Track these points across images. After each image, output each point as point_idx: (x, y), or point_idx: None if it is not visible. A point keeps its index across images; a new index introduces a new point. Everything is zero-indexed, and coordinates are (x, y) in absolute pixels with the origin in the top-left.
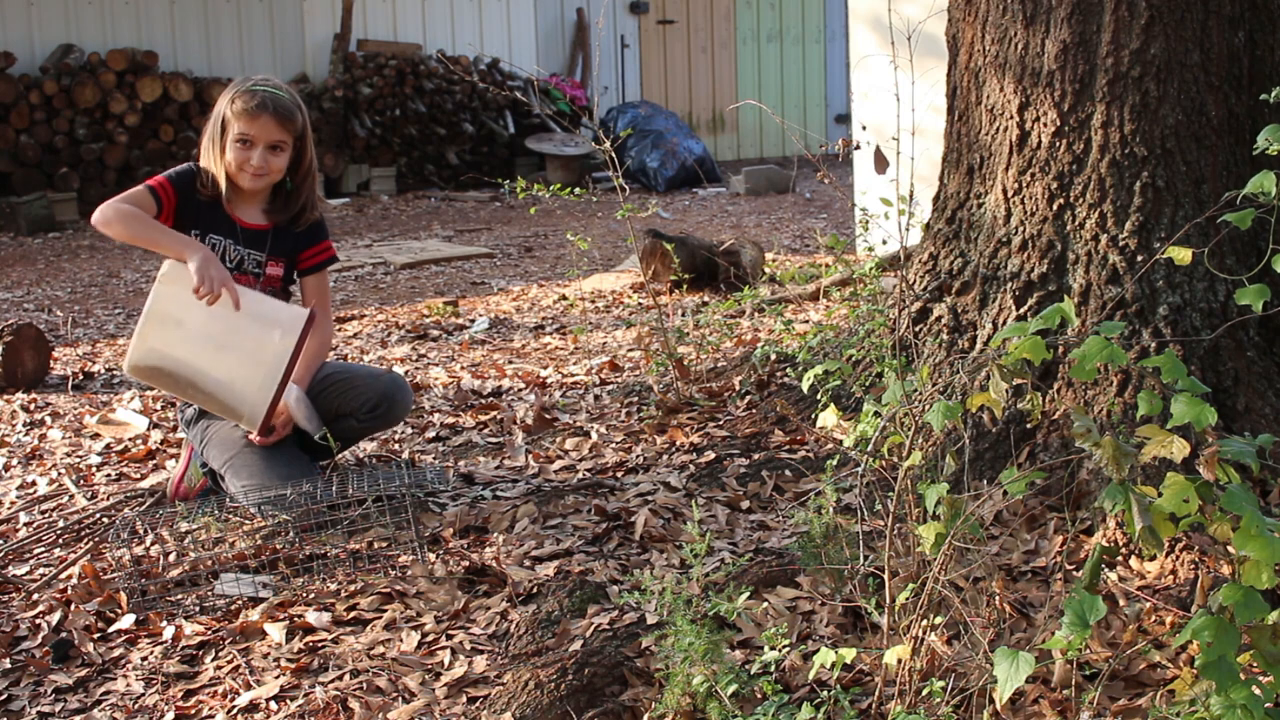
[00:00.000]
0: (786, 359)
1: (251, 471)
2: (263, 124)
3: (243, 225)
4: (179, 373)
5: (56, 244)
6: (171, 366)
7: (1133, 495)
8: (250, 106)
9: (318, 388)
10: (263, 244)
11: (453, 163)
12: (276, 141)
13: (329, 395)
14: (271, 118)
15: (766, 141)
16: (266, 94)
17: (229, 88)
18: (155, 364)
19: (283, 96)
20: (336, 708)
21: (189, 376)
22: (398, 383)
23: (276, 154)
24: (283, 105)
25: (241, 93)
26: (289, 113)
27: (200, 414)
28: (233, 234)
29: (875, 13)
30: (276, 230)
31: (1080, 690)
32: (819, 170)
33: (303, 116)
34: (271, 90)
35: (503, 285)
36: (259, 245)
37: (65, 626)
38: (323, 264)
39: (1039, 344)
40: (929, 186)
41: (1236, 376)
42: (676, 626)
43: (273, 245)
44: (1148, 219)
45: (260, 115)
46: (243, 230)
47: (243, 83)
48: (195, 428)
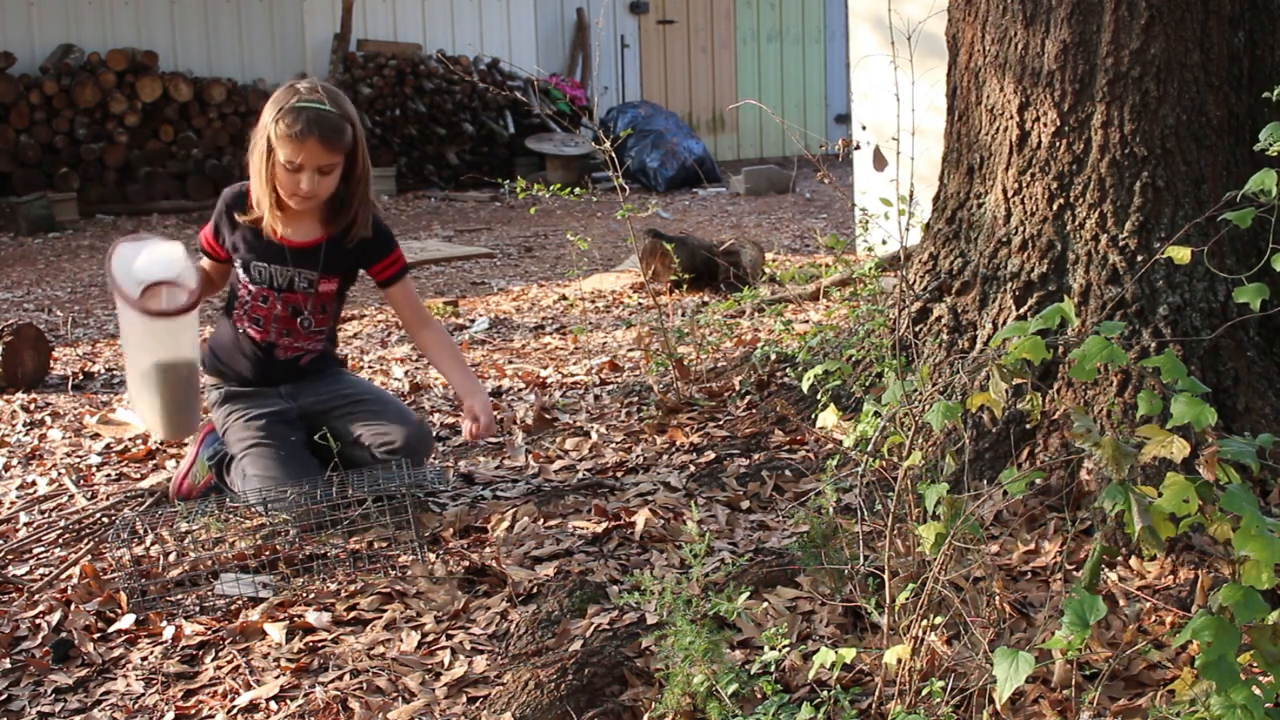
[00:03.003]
0: (786, 359)
1: (265, 465)
2: (309, 149)
3: (290, 245)
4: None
5: (56, 244)
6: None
7: (1133, 495)
8: (295, 131)
9: (344, 405)
10: (314, 262)
11: (453, 163)
12: (325, 165)
13: (352, 418)
14: (318, 142)
15: (766, 141)
16: (311, 113)
17: (274, 100)
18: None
19: (329, 114)
20: (336, 708)
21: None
22: (422, 436)
23: (326, 176)
24: (329, 125)
25: (286, 112)
26: (336, 133)
27: (227, 397)
28: (280, 258)
29: (875, 12)
30: (330, 245)
31: (1080, 690)
32: (819, 170)
33: (353, 129)
34: (316, 107)
35: (503, 285)
36: (310, 263)
37: (65, 626)
38: (399, 274)
39: (1039, 344)
40: (929, 186)
41: (1236, 376)
42: (676, 626)
43: (325, 262)
44: (1148, 219)
45: (306, 140)
46: (291, 251)
47: (288, 95)
48: (220, 410)
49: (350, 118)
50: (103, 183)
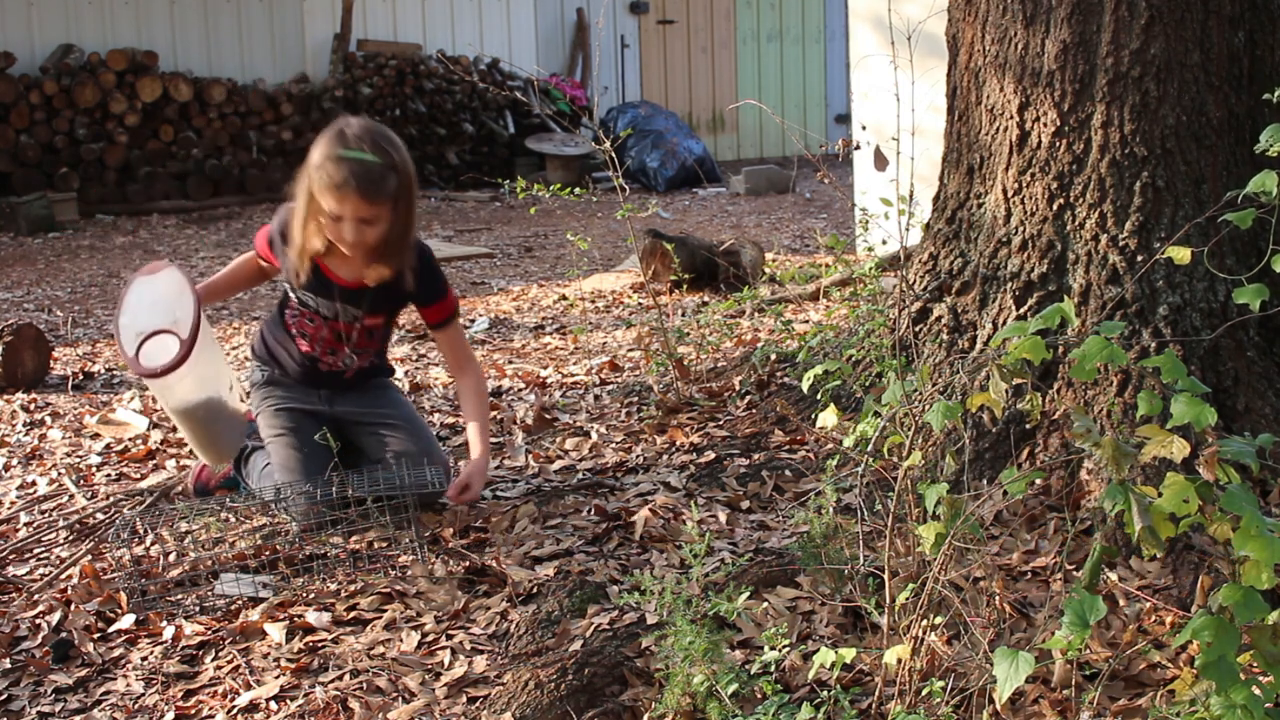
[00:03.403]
0: (786, 359)
1: (286, 459)
2: (350, 202)
3: (339, 283)
4: None
5: (56, 244)
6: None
7: (1133, 495)
8: (336, 182)
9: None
10: (361, 301)
11: (453, 163)
12: (367, 216)
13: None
14: (358, 196)
15: (766, 141)
16: (355, 164)
17: (320, 142)
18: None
19: (372, 165)
20: (336, 708)
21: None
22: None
23: (370, 226)
24: (371, 178)
25: (329, 160)
26: (378, 186)
27: (268, 380)
28: (327, 292)
29: (875, 12)
30: (378, 287)
31: (1080, 690)
32: (819, 170)
33: (397, 178)
34: (359, 157)
35: (503, 285)
36: (356, 302)
37: (65, 626)
38: (447, 319)
39: (1039, 344)
40: (929, 186)
41: (1236, 376)
42: (676, 626)
43: (373, 303)
44: (1148, 219)
45: (346, 194)
46: (339, 288)
47: (334, 140)
48: (258, 392)
49: (396, 165)
50: (103, 183)
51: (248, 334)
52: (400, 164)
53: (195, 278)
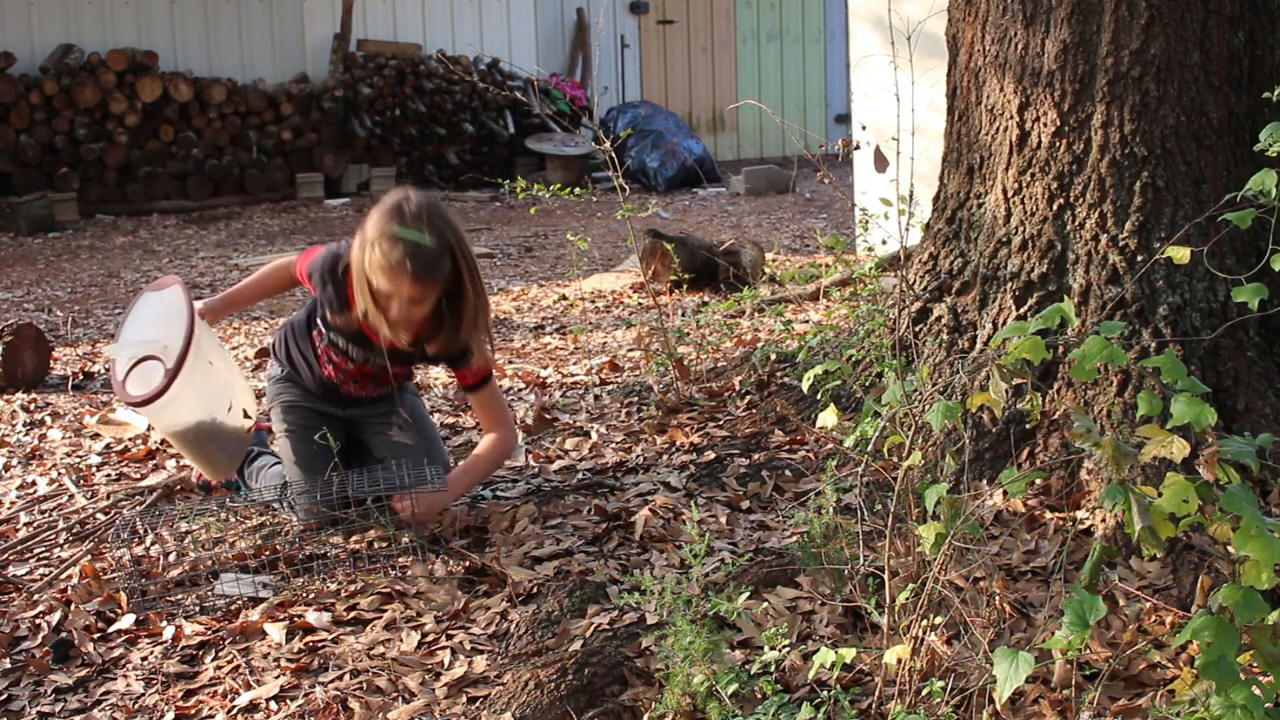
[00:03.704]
0: (786, 359)
1: (294, 455)
2: (400, 283)
3: (376, 342)
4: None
5: (56, 244)
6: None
7: (1133, 495)
8: (389, 262)
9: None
10: (394, 356)
11: (453, 163)
12: (415, 297)
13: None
14: (410, 279)
15: (766, 141)
16: (409, 246)
17: (378, 213)
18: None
19: (426, 249)
20: (336, 708)
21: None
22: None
23: (418, 305)
24: (424, 261)
25: (384, 238)
26: (430, 269)
27: (286, 378)
28: (361, 342)
29: (875, 12)
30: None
31: (1080, 690)
32: (819, 170)
33: (452, 262)
34: (414, 240)
35: (503, 285)
36: (389, 355)
37: (65, 626)
38: (481, 382)
39: (1039, 344)
40: (929, 186)
41: (1236, 376)
42: (676, 626)
43: (404, 358)
44: (1148, 219)
45: (399, 275)
46: (374, 343)
47: (391, 216)
48: (274, 386)
49: (451, 247)
50: (103, 183)
51: (248, 334)
52: (454, 247)
53: (205, 291)
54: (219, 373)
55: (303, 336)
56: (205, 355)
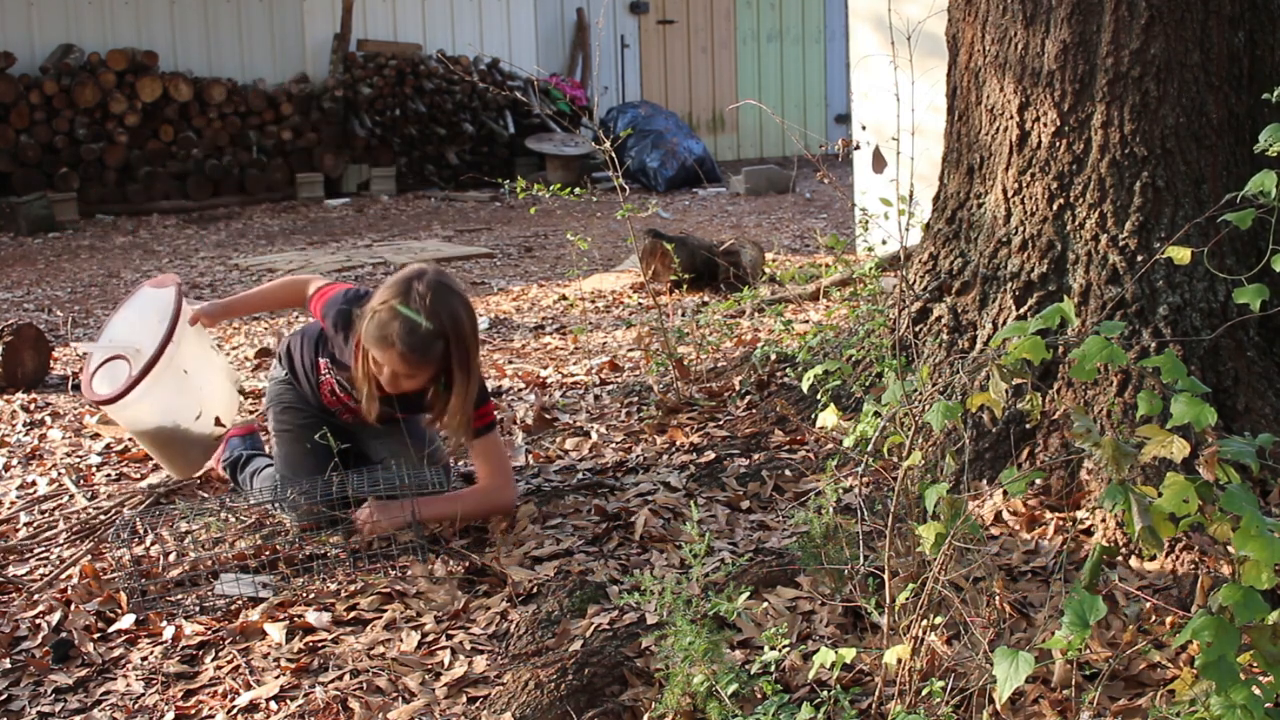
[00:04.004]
0: (786, 359)
1: (290, 455)
2: (391, 359)
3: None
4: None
5: (56, 244)
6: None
7: (1133, 495)
8: (381, 335)
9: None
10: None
11: (453, 163)
12: (406, 374)
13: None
14: (399, 357)
15: (766, 141)
16: (405, 324)
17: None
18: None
19: (421, 331)
20: (336, 708)
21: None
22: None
23: (408, 380)
24: (416, 343)
25: (385, 311)
26: (421, 351)
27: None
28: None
29: (875, 12)
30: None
31: (1080, 690)
32: (819, 170)
33: (445, 348)
34: (412, 319)
35: (503, 285)
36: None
37: (65, 626)
38: (482, 429)
39: (1039, 344)
40: (929, 186)
41: (1236, 376)
42: (676, 626)
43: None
44: (1148, 219)
45: (388, 350)
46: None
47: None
48: (275, 388)
49: (446, 333)
50: (103, 183)
51: (248, 334)
52: (450, 333)
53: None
54: (193, 382)
55: (310, 356)
56: (180, 364)
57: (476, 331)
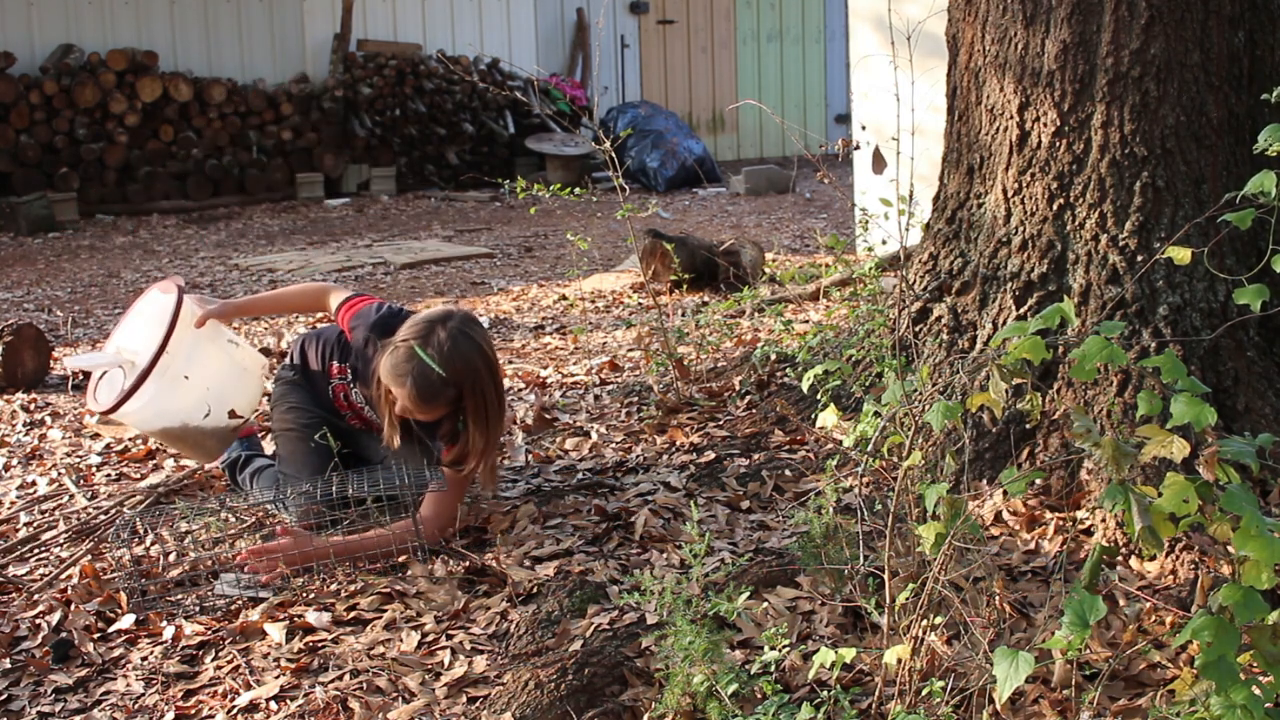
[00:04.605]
0: (786, 359)
1: (293, 453)
2: (403, 396)
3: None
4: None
5: (56, 244)
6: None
7: (1133, 495)
8: (396, 374)
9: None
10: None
11: (453, 163)
12: (414, 411)
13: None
14: (409, 396)
15: (766, 141)
16: (418, 367)
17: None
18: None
19: (431, 376)
20: (336, 708)
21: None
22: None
23: (420, 415)
24: (424, 387)
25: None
26: (429, 396)
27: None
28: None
29: (876, 12)
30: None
31: (1080, 690)
32: (819, 170)
33: (458, 395)
34: (424, 363)
35: (503, 285)
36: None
37: (65, 626)
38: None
39: (1039, 344)
40: (929, 186)
41: (1236, 376)
42: (676, 626)
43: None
44: (1148, 219)
45: (400, 387)
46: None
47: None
48: (281, 388)
49: (460, 383)
50: (103, 183)
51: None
52: (463, 383)
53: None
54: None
55: (326, 358)
56: (179, 370)
57: (496, 380)
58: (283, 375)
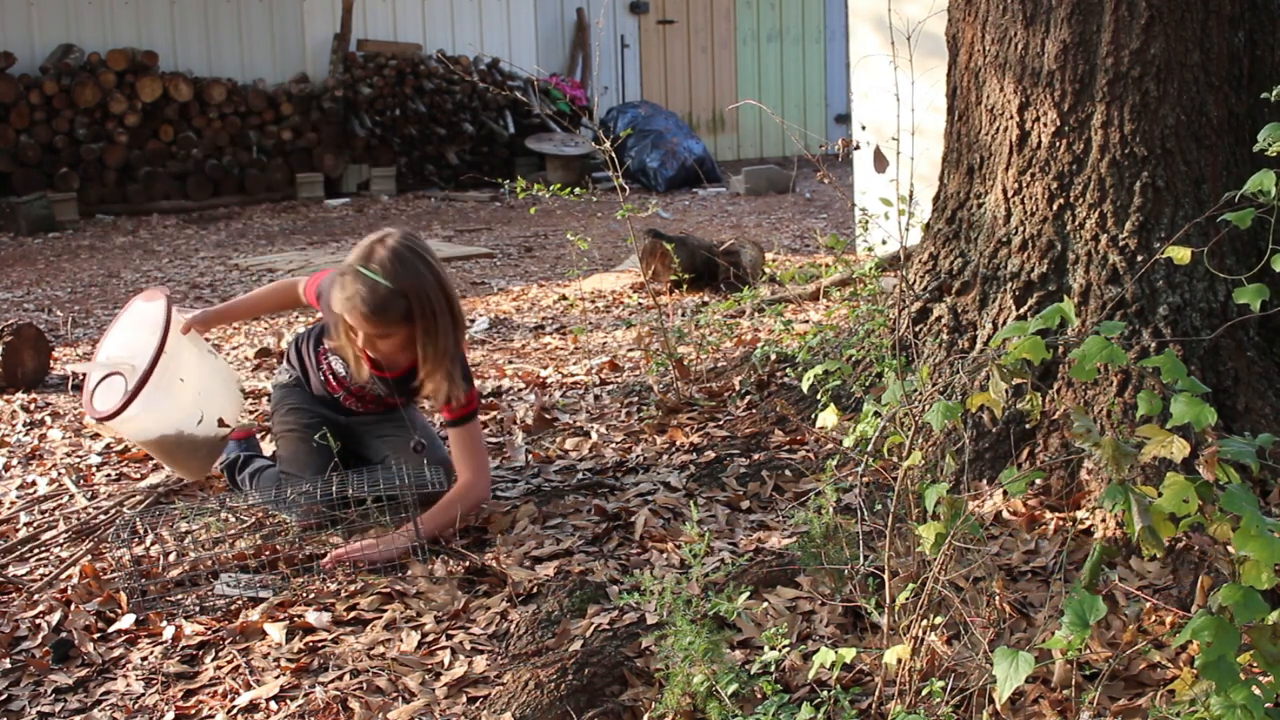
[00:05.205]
0: (786, 359)
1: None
2: (356, 319)
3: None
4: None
5: (56, 244)
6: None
7: (1133, 495)
8: (345, 297)
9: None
10: (385, 386)
11: (453, 163)
12: (374, 334)
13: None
14: (362, 316)
15: (766, 141)
16: (365, 284)
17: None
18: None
19: (379, 289)
20: (336, 708)
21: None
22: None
23: (384, 340)
24: (375, 303)
25: (349, 274)
26: (381, 310)
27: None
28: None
29: (875, 12)
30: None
31: (1080, 690)
32: (819, 170)
33: (408, 304)
34: (372, 278)
35: (503, 285)
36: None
37: (65, 626)
38: (461, 419)
39: (1039, 344)
40: (929, 186)
41: (1236, 376)
42: (676, 626)
43: (395, 389)
44: (1148, 219)
45: (352, 311)
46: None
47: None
48: (279, 390)
49: (408, 292)
50: (103, 183)
51: (248, 334)
52: (416, 289)
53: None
54: (191, 388)
55: (313, 347)
56: (175, 373)
57: (446, 288)
58: (280, 379)
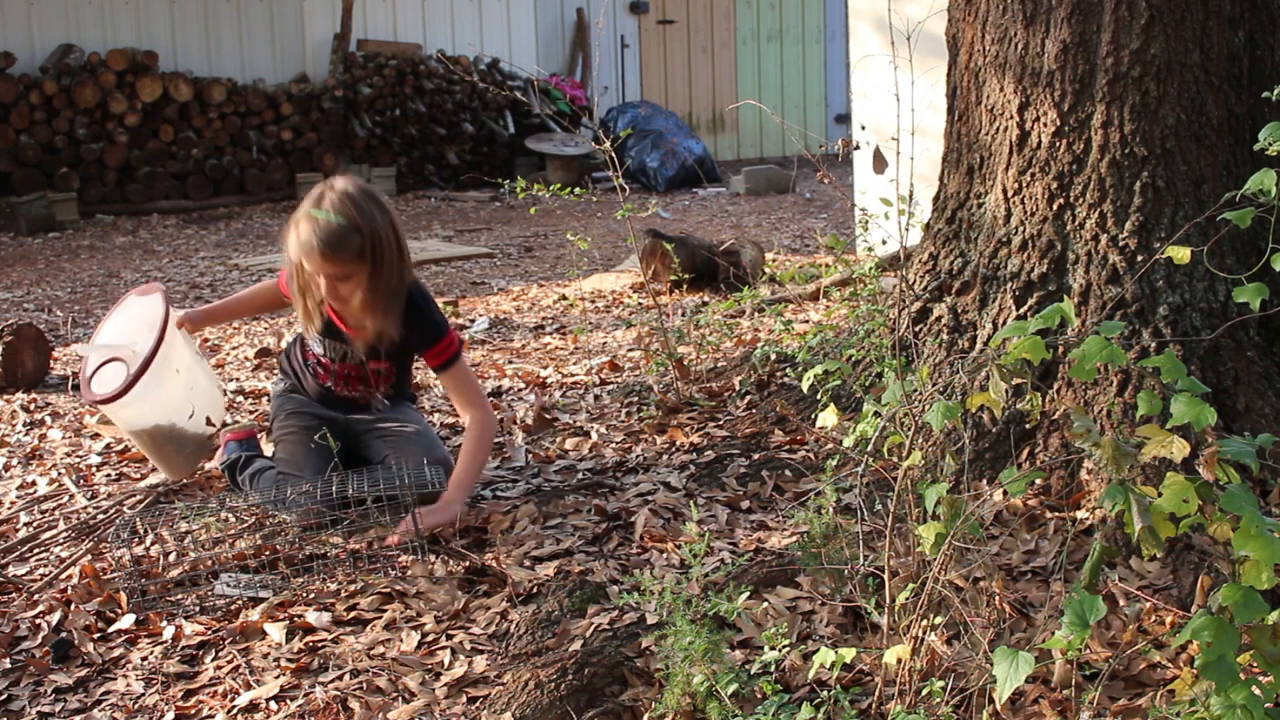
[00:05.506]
0: (786, 359)
1: (293, 454)
2: (313, 259)
3: (348, 332)
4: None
5: (56, 244)
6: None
7: (1133, 495)
8: (300, 240)
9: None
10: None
11: (453, 163)
12: (334, 274)
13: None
14: (319, 254)
15: (766, 141)
16: (319, 223)
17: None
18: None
19: (335, 226)
20: (336, 708)
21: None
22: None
23: (343, 283)
24: (331, 239)
25: (302, 219)
26: (337, 246)
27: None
28: (336, 334)
29: (876, 12)
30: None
31: (1080, 690)
32: (819, 170)
33: (362, 239)
34: (324, 217)
35: (503, 285)
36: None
37: (65, 626)
38: (447, 362)
39: (1039, 344)
40: (929, 186)
41: (1236, 376)
42: (676, 626)
43: (371, 350)
44: (1148, 219)
45: (309, 252)
46: (345, 333)
47: (311, 200)
48: (278, 399)
49: (361, 227)
50: (103, 183)
51: (248, 334)
52: (368, 226)
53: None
54: (184, 381)
55: (299, 350)
56: (172, 364)
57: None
58: (278, 389)
